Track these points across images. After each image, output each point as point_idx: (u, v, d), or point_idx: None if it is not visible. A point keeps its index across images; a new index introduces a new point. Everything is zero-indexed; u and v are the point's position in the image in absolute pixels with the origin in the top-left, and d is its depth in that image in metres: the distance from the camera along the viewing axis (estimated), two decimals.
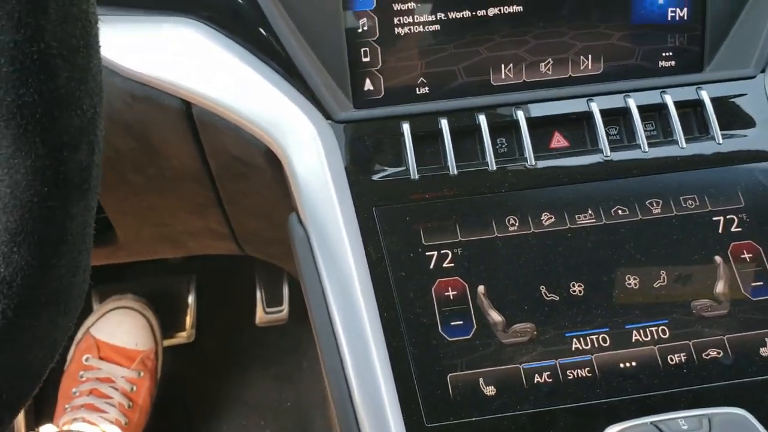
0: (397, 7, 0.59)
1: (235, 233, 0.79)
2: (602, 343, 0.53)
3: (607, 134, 0.60)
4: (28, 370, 0.34)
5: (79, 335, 1.14)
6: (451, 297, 0.54)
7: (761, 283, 0.55)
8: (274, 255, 0.88)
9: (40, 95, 0.31)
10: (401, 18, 0.60)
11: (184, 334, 1.23)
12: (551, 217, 0.57)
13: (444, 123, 0.59)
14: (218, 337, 1.26)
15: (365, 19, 0.59)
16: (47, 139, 0.32)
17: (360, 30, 0.59)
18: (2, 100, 0.31)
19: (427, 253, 0.55)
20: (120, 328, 1.12)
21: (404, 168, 0.58)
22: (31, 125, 0.32)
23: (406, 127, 0.59)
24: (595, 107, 0.60)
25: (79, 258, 0.35)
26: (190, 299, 1.25)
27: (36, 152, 0.32)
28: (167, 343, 1.21)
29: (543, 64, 0.62)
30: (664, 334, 0.53)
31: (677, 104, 0.60)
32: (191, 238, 0.83)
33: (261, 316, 1.21)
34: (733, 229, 0.57)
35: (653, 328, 0.53)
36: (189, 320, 1.24)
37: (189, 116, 0.60)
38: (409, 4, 0.59)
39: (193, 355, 1.24)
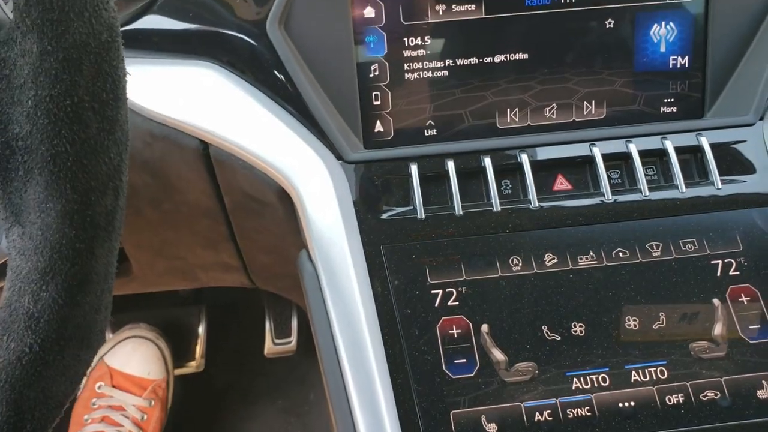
0: (407, 53, 0.62)
1: (247, 267, 0.80)
2: (602, 383, 0.54)
3: (609, 178, 0.61)
4: (51, 401, 0.36)
5: (92, 363, 1.15)
6: (455, 335, 0.55)
7: (759, 326, 0.56)
8: (284, 288, 0.89)
9: (72, 145, 0.34)
10: (411, 64, 0.62)
11: (193, 363, 1.24)
12: (554, 258, 0.58)
13: (450, 165, 0.61)
14: (227, 368, 1.27)
15: (377, 64, 0.62)
16: (77, 186, 0.34)
17: (371, 75, 0.62)
18: (37, 149, 0.33)
19: (433, 291, 0.57)
20: (133, 357, 1.14)
21: (411, 207, 0.60)
22: (63, 172, 0.34)
23: (414, 168, 0.61)
24: (597, 152, 0.62)
25: (102, 296, 0.37)
26: (200, 329, 1.26)
27: (66, 197, 0.34)
28: (176, 372, 1.22)
29: (547, 108, 0.63)
30: (663, 375, 0.54)
31: (678, 149, 0.62)
32: (203, 271, 0.84)
33: (270, 347, 1.22)
34: (731, 273, 0.58)
35: (652, 369, 0.54)
36: (199, 350, 1.25)
37: (206, 155, 0.63)
38: (419, 51, 0.62)
39: (202, 385, 1.24)
